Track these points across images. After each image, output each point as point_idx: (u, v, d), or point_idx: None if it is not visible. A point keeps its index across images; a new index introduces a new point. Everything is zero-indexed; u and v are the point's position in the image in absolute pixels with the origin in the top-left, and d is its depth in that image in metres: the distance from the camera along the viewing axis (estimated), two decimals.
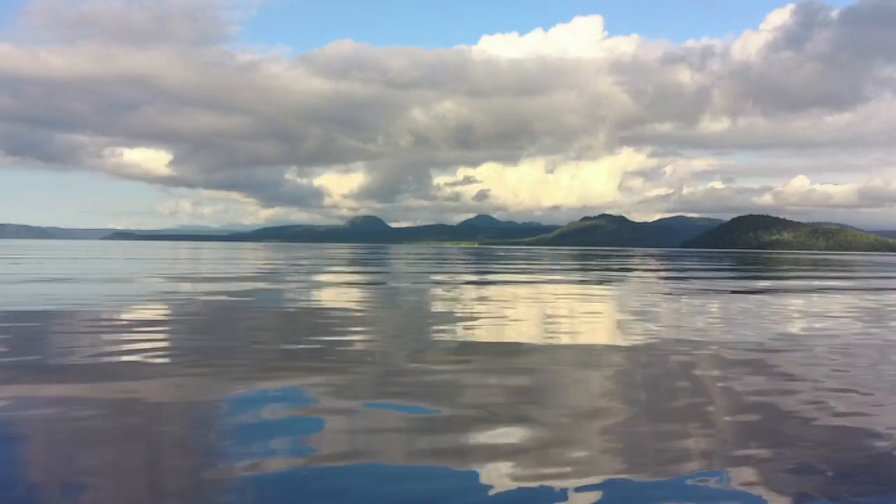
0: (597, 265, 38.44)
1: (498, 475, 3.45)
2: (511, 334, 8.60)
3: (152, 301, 12.22)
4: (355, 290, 16.16)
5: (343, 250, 79.73)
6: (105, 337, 7.63)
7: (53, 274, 20.46)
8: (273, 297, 13.62)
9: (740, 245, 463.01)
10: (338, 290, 15.95)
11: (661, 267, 35.91)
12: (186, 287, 16.12)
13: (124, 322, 9.25)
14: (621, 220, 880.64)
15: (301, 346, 7.31)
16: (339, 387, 5.24)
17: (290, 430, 4.13)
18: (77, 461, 3.59)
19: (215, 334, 8.23)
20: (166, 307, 11.23)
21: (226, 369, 5.88)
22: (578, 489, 3.32)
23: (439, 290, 15.98)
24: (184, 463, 3.61)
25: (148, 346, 6.94)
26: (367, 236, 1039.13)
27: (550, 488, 3.31)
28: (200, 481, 3.34)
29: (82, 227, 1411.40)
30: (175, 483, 3.36)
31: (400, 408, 4.63)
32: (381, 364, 6.28)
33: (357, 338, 7.97)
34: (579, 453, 3.79)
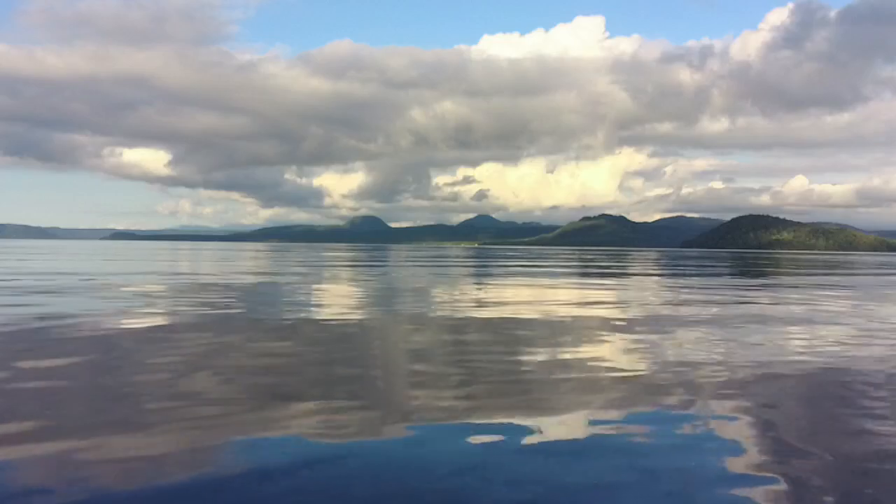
0: (643, 270, 32.87)
1: None
2: None
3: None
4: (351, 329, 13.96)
5: (342, 252, 78.85)
6: None
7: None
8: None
9: (740, 245, 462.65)
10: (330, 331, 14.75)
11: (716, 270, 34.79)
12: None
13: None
14: (621, 220, 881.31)
15: None
16: None
17: None
18: None
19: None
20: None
21: None
22: None
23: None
24: None
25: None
26: (366, 236, 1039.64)
27: None
28: None
29: (83, 227, 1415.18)
30: None
31: None
32: None
33: None
34: None
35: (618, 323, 10.38)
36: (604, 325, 10.14)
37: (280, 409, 4.84)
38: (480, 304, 13.26)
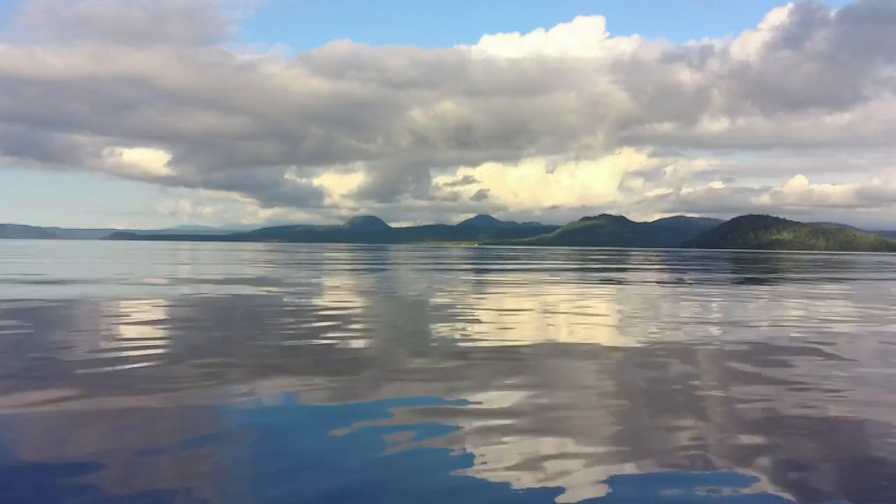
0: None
1: None
2: None
3: None
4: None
5: (352, 252, 78.40)
6: None
7: None
8: None
9: (740, 245, 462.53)
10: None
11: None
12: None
13: None
14: (621, 220, 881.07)
15: None
16: None
17: None
18: None
19: None
20: None
21: None
22: None
23: None
24: None
25: None
26: (366, 236, 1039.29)
27: None
28: None
29: (83, 227, 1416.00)
30: None
31: None
32: None
33: None
34: None
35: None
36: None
37: None
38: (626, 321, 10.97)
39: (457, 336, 8.82)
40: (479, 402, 5.27)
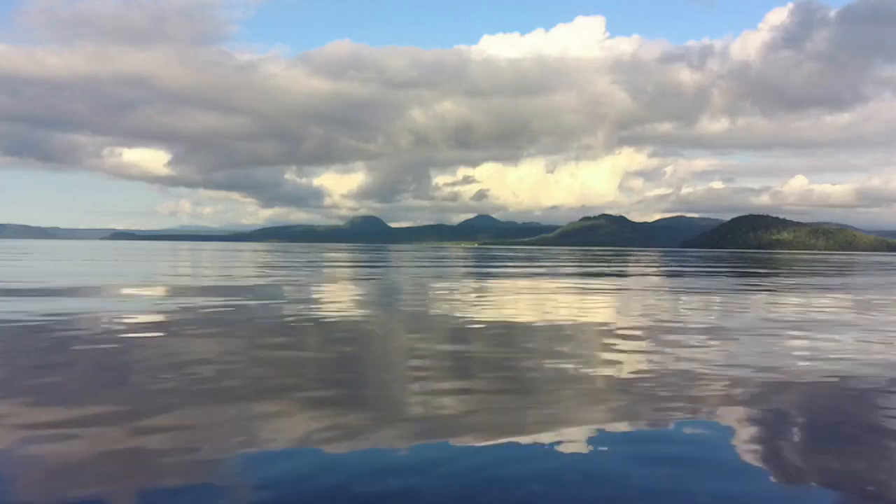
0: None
1: None
2: None
3: None
4: None
5: (341, 253, 78.07)
6: None
7: None
8: None
9: (740, 245, 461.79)
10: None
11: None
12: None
13: None
14: (621, 220, 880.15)
15: None
16: None
17: None
18: None
19: None
20: None
21: None
22: None
23: None
24: None
25: None
26: (366, 236, 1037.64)
27: None
28: None
29: (83, 227, 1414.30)
30: None
31: None
32: None
33: None
34: None
35: None
36: None
37: None
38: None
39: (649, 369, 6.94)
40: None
